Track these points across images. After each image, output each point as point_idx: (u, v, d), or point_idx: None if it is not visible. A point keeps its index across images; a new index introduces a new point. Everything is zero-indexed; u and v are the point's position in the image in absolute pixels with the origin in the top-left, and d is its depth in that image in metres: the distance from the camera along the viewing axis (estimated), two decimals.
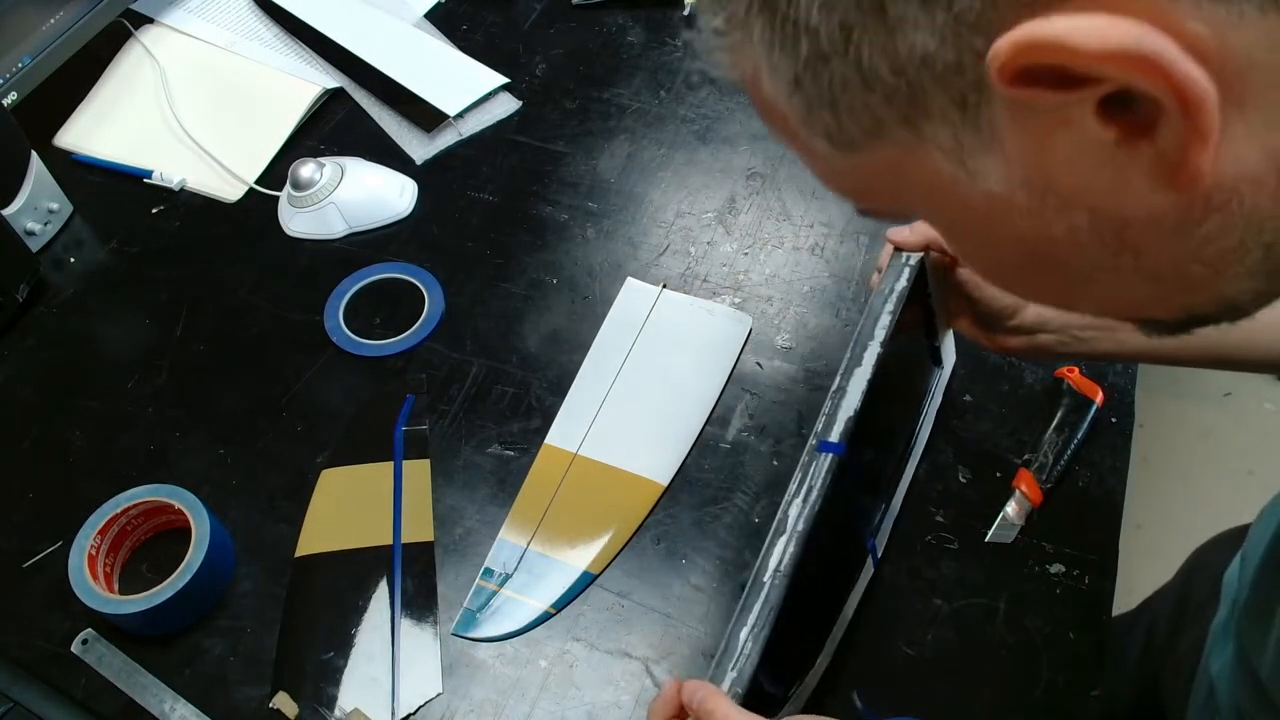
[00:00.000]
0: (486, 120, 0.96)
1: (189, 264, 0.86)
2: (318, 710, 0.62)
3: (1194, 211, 0.27)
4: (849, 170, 0.32)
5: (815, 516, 0.50)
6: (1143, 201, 0.27)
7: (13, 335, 0.82)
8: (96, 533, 0.64)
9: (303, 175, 0.86)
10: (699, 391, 0.76)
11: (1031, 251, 0.30)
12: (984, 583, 0.66)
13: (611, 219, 0.88)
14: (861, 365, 0.55)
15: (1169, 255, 0.29)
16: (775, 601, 0.48)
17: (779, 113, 0.31)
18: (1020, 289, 0.35)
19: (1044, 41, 0.23)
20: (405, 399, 0.76)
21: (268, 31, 1.03)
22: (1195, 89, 0.23)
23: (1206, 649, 0.63)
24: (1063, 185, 0.27)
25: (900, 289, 0.57)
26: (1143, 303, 0.32)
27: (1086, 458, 0.71)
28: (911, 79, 0.26)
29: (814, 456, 0.52)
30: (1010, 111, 0.26)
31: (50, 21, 0.89)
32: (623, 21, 1.05)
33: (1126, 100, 0.24)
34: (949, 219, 0.32)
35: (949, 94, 0.26)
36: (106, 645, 0.65)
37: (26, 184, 0.85)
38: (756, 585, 0.49)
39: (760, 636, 0.48)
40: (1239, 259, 0.28)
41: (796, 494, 0.51)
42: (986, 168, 0.28)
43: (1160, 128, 0.24)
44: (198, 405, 0.77)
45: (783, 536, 0.49)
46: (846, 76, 0.27)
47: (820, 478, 0.51)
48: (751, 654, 0.47)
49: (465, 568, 0.68)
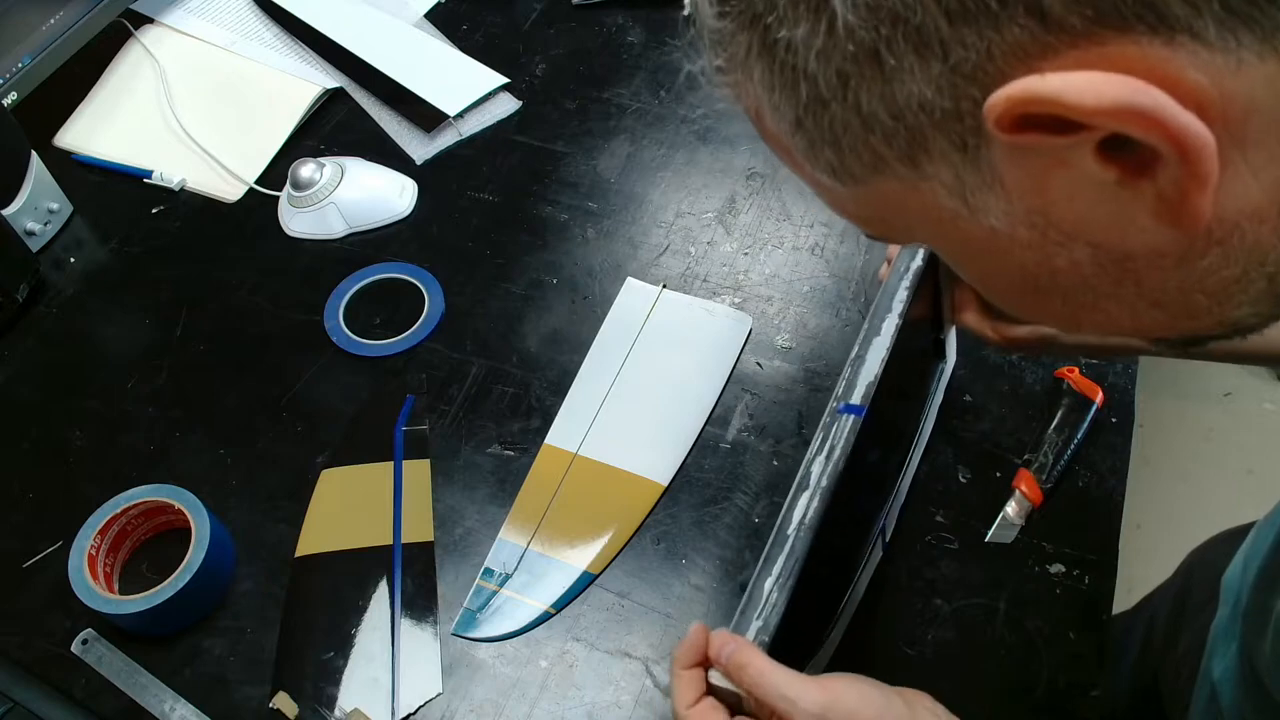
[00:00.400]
0: (486, 120, 0.96)
1: (189, 264, 0.86)
2: (318, 710, 0.62)
3: (1196, 245, 0.27)
4: (854, 200, 0.32)
5: (839, 475, 0.50)
6: (1144, 237, 0.27)
7: (13, 335, 0.82)
8: (96, 533, 0.64)
9: (303, 175, 0.86)
10: (699, 391, 0.76)
11: (1034, 281, 0.30)
12: (984, 583, 0.66)
13: (611, 219, 0.88)
14: (881, 335, 0.55)
15: (1173, 285, 0.29)
16: (801, 554, 0.48)
17: (784, 145, 0.31)
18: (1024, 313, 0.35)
19: (1039, 97, 0.23)
20: (405, 399, 0.76)
21: (268, 31, 1.03)
22: (1193, 139, 0.23)
23: (1207, 651, 0.63)
24: (1064, 222, 0.27)
25: (916, 266, 0.58)
26: (1146, 327, 0.32)
27: (1086, 458, 0.71)
28: (910, 124, 0.27)
29: (835, 417, 0.52)
30: (1010, 154, 0.26)
31: (50, 21, 0.89)
32: (623, 21, 1.05)
33: (1125, 141, 0.24)
34: (953, 249, 0.32)
35: (948, 138, 0.27)
36: (106, 645, 0.65)
37: (26, 184, 0.85)
38: (780, 538, 0.48)
39: (786, 587, 0.47)
40: (1242, 289, 0.29)
41: (819, 452, 0.51)
42: (988, 204, 0.28)
43: (1159, 170, 0.25)
44: (198, 405, 0.77)
45: (806, 491, 0.49)
46: (846, 119, 0.28)
47: (843, 437, 0.51)
48: (778, 604, 0.47)
49: (465, 568, 0.68)
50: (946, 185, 0.28)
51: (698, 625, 0.47)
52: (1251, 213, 0.26)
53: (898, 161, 0.28)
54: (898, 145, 0.28)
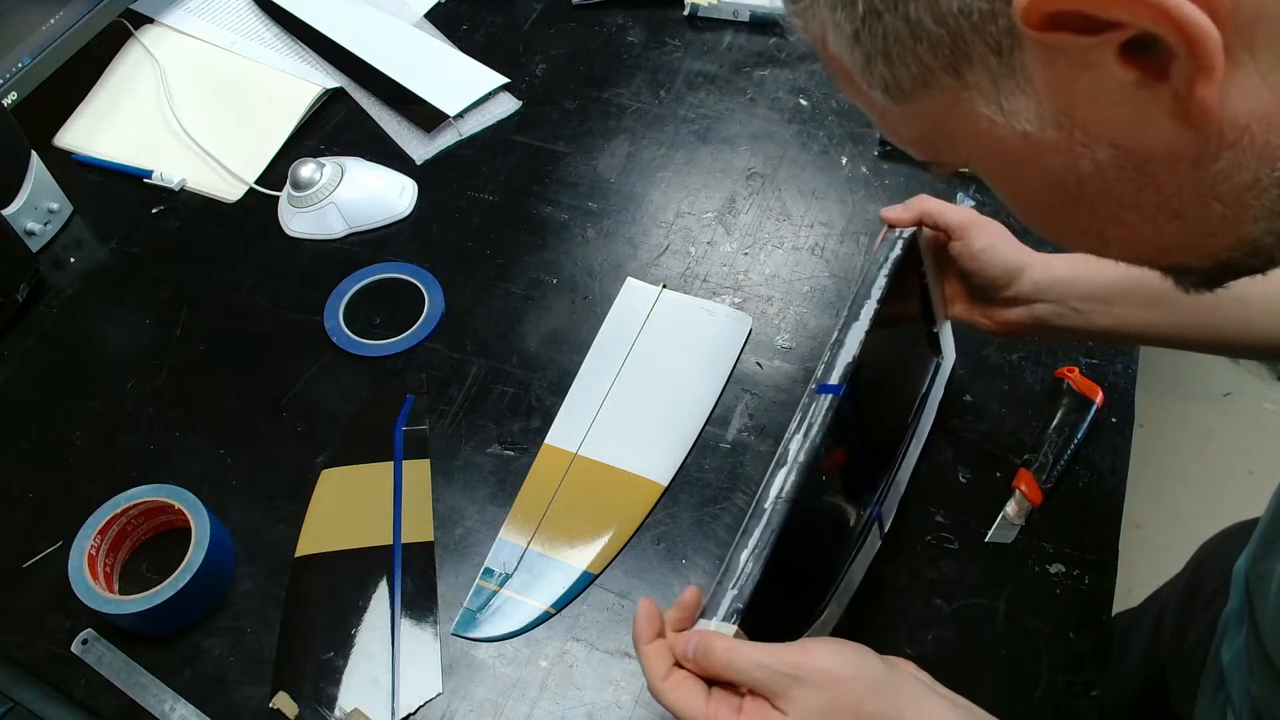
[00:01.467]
0: (486, 120, 0.96)
1: (189, 264, 0.86)
2: (318, 710, 0.62)
3: (1209, 147, 0.30)
4: (905, 119, 0.36)
5: (815, 451, 0.51)
6: (1161, 138, 0.30)
7: (13, 335, 0.82)
8: (96, 533, 0.64)
9: (303, 175, 0.86)
10: (699, 391, 0.76)
11: (1062, 189, 0.33)
12: (984, 583, 0.66)
13: (611, 219, 0.88)
14: (859, 320, 0.56)
15: (1189, 190, 0.31)
16: (776, 526, 0.48)
17: (844, 68, 0.35)
18: (1054, 231, 0.37)
19: None
20: (405, 399, 0.76)
21: (268, 31, 1.03)
22: (1197, 29, 0.26)
23: (1217, 638, 0.62)
24: (1089, 123, 0.31)
25: (895, 257, 0.59)
26: (1168, 245, 0.35)
27: (1086, 458, 0.71)
28: (952, 29, 0.30)
29: (813, 398, 0.53)
30: (1040, 55, 0.30)
31: (50, 21, 0.89)
32: (623, 21, 1.05)
33: (1146, 45, 0.27)
34: (991, 163, 0.35)
35: (985, 41, 0.30)
36: (106, 645, 0.65)
37: (26, 184, 0.85)
38: (757, 511, 0.49)
39: (761, 557, 0.48)
40: (1255, 196, 0.31)
41: (797, 431, 0.52)
42: (1021, 108, 0.31)
43: (1173, 69, 0.27)
44: (198, 405, 0.77)
45: (783, 468, 0.51)
46: (897, 30, 0.31)
47: (820, 416, 0.52)
48: (753, 573, 0.47)
49: (465, 568, 0.68)
50: (984, 93, 0.32)
51: (644, 600, 0.47)
52: (1260, 115, 0.29)
53: (942, 71, 0.32)
54: (941, 54, 0.31)
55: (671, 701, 0.44)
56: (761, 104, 0.96)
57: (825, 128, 0.94)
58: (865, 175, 0.90)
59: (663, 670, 0.45)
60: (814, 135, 0.93)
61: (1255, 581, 0.52)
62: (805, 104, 0.96)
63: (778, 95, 0.97)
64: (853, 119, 0.94)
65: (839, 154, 0.92)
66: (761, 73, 0.99)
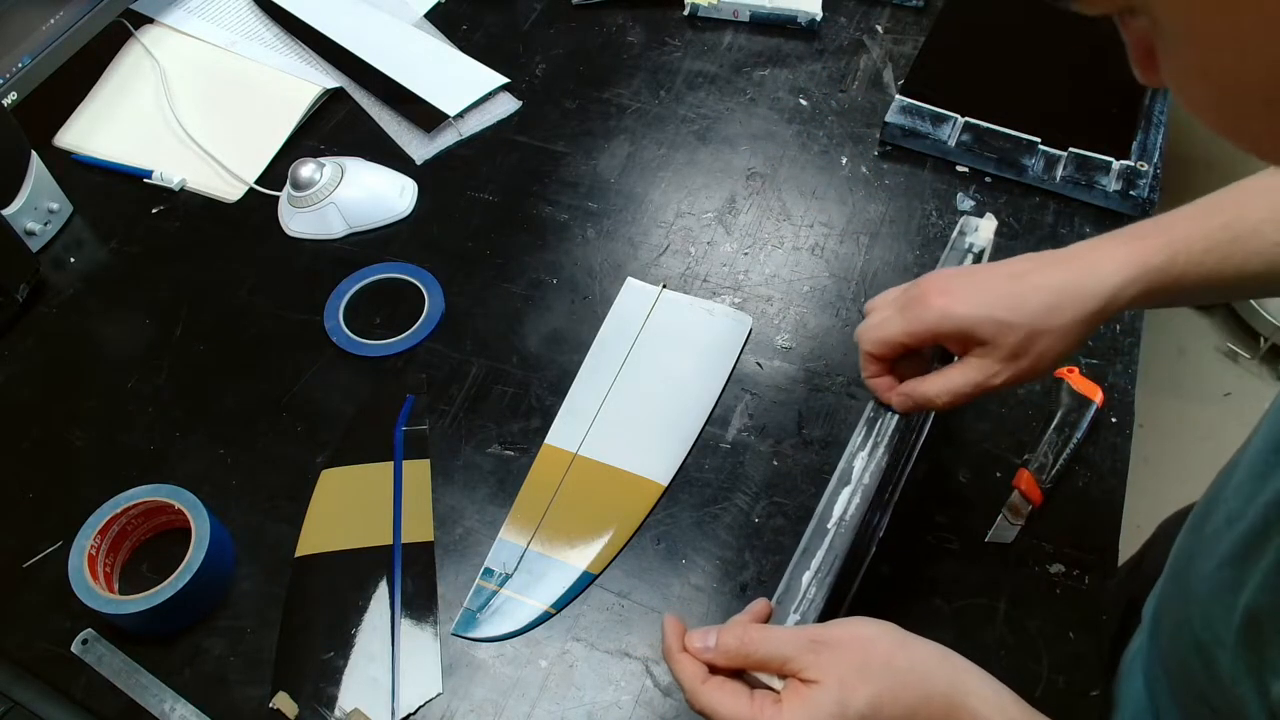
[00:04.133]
0: (486, 120, 0.96)
1: (189, 264, 0.86)
2: (318, 710, 0.62)
3: None
4: None
5: (880, 472, 0.51)
6: None
7: (13, 335, 0.82)
8: (96, 533, 0.64)
9: (303, 175, 0.86)
10: (699, 391, 0.76)
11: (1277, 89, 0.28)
12: (984, 583, 0.66)
13: (611, 219, 0.88)
14: None
15: None
16: (841, 550, 0.48)
17: None
18: (1237, 127, 0.31)
19: None
20: (405, 399, 0.76)
21: (268, 31, 1.03)
22: None
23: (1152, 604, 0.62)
24: None
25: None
26: None
27: (1086, 458, 0.71)
28: None
29: (879, 414, 0.53)
30: None
31: (50, 21, 0.89)
32: (623, 21, 1.05)
33: None
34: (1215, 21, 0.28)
35: None
36: (106, 645, 0.65)
37: (26, 184, 0.85)
38: (819, 531, 0.49)
39: (825, 583, 0.48)
40: None
41: (861, 448, 0.51)
42: None
43: None
44: (198, 405, 0.77)
45: (847, 487, 0.50)
46: None
47: (887, 435, 0.52)
48: (816, 600, 0.48)
49: (465, 568, 0.68)
50: None
51: (668, 617, 0.48)
52: None
53: None
54: None
55: (713, 702, 0.45)
56: (761, 104, 0.96)
57: (825, 128, 0.94)
58: (865, 175, 0.90)
59: (701, 674, 0.46)
60: (814, 135, 0.93)
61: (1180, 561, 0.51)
62: (805, 104, 0.96)
63: (778, 95, 0.97)
64: (853, 119, 0.94)
65: (839, 154, 0.92)
66: (761, 73, 0.99)
